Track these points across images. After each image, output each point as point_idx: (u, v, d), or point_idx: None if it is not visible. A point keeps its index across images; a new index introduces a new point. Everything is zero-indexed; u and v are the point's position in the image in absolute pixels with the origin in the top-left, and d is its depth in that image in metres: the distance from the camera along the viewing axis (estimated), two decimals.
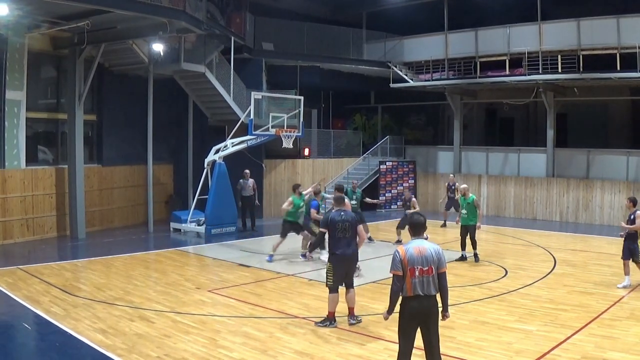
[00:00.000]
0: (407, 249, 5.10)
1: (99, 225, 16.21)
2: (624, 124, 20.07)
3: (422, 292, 5.00)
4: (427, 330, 5.10)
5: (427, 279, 5.02)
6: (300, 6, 21.97)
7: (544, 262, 11.77)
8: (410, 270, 5.00)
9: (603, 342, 6.78)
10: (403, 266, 5.02)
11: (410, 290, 5.01)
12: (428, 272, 5.03)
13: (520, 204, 19.38)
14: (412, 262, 5.01)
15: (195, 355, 6.42)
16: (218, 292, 9.40)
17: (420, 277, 5.00)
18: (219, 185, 15.16)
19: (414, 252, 5.05)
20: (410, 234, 5.29)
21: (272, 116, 14.98)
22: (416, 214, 5.40)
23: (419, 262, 5.01)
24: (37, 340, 7.29)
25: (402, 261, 5.03)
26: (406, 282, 5.01)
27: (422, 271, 5.01)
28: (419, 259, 5.02)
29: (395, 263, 5.07)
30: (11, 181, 13.71)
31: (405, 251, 5.08)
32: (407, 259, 5.03)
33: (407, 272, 5.01)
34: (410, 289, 5.01)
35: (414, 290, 5.00)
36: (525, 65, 17.89)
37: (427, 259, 5.04)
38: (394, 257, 5.10)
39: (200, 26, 13.96)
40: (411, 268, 5.00)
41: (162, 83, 17.20)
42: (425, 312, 5.04)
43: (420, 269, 5.00)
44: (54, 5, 11.34)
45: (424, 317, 5.06)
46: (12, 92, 13.67)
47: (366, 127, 25.65)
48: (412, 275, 5.00)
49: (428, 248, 5.10)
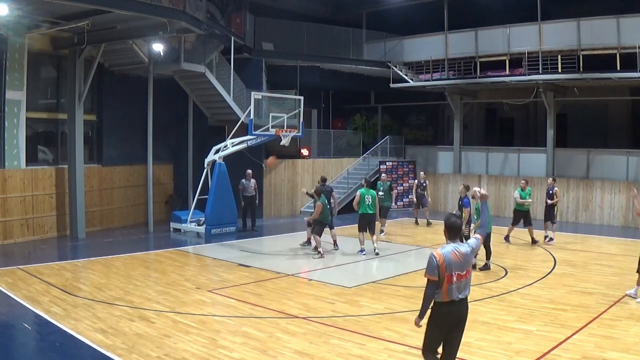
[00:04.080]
0: (444, 254, 4.81)
1: (99, 225, 16.22)
2: (624, 124, 20.06)
3: (457, 296, 4.82)
4: (453, 332, 4.94)
5: (464, 282, 4.87)
6: (300, 6, 21.98)
7: (544, 262, 11.77)
8: (448, 277, 4.76)
9: (603, 342, 6.78)
10: (440, 272, 4.75)
11: (446, 296, 4.79)
12: (465, 276, 4.86)
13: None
14: (450, 268, 4.77)
15: (195, 355, 6.42)
16: (218, 292, 9.39)
17: (457, 282, 4.80)
18: (219, 185, 15.16)
19: (452, 257, 4.80)
20: (446, 237, 5.02)
21: (272, 116, 14.98)
22: (452, 216, 5.06)
23: (457, 268, 4.80)
24: (37, 340, 7.28)
25: (440, 267, 4.76)
26: (442, 288, 4.78)
27: (460, 276, 4.82)
28: (457, 264, 4.81)
29: (431, 268, 4.79)
30: (11, 181, 13.71)
31: (443, 257, 4.79)
32: (445, 265, 4.76)
33: (444, 278, 4.76)
34: (447, 294, 4.79)
35: (450, 295, 4.79)
36: (525, 65, 17.88)
37: (464, 263, 4.86)
38: (430, 261, 4.82)
39: (200, 26, 13.96)
40: (449, 274, 4.76)
41: (162, 83, 17.20)
42: (458, 315, 4.90)
43: (458, 274, 4.80)
44: (54, 5, 11.34)
45: (457, 320, 4.92)
46: (12, 92, 13.67)
47: (366, 127, 25.67)
48: (449, 281, 4.77)
49: (465, 252, 4.89)
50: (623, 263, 11.69)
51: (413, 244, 14.25)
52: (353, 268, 11.59)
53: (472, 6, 19.63)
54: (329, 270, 11.29)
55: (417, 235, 15.88)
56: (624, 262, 11.76)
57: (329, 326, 7.52)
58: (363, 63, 21.63)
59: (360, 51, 21.89)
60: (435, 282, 4.78)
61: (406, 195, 21.67)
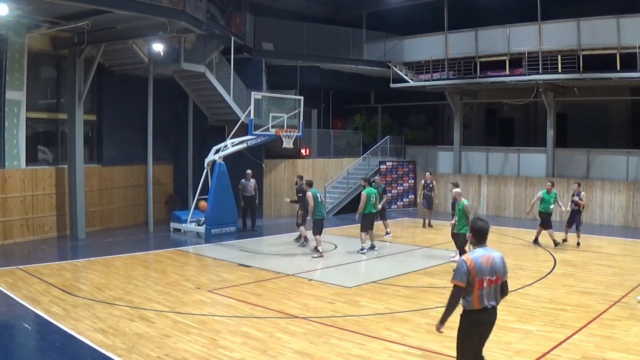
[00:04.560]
0: (474, 259, 4.69)
1: (99, 225, 16.22)
2: (624, 124, 20.06)
3: (488, 303, 4.71)
4: (482, 340, 4.86)
5: (494, 289, 4.74)
6: (300, 6, 21.98)
7: (544, 262, 11.77)
8: (479, 282, 4.65)
9: (603, 342, 6.78)
10: (470, 278, 4.63)
11: (478, 303, 4.67)
12: (495, 282, 4.74)
13: (520, 204, 19.36)
14: (481, 274, 4.65)
15: (195, 355, 6.42)
16: (218, 292, 9.39)
17: (487, 288, 4.69)
18: (219, 185, 15.16)
19: (482, 262, 4.69)
20: (474, 242, 4.87)
21: (272, 116, 14.98)
22: (480, 220, 4.90)
23: (487, 273, 4.68)
24: (37, 340, 7.28)
25: (471, 273, 4.64)
26: (474, 294, 4.66)
27: (490, 282, 4.70)
28: (488, 269, 4.69)
29: (460, 274, 4.66)
30: (11, 181, 13.71)
31: (474, 262, 4.66)
32: (476, 270, 4.65)
33: (474, 284, 4.64)
34: (478, 301, 4.67)
35: (481, 302, 4.68)
36: (525, 65, 17.88)
37: (494, 269, 4.73)
38: (459, 267, 4.69)
39: (200, 26, 13.96)
40: (480, 280, 4.65)
41: (162, 83, 17.20)
42: (489, 323, 4.79)
43: (488, 280, 4.68)
44: (54, 5, 11.34)
45: (487, 328, 4.80)
46: (12, 92, 13.67)
47: (366, 127, 25.67)
48: (480, 287, 4.65)
49: (495, 257, 4.77)
50: (623, 263, 11.70)
51: (413, 244, 14.25)
52: (353, 268, 11.59)
53: (472, 6, 19.63)
54: (329, 270, 11.28)
55: (417, 235, 15.88)
56: (624, 262, 11.78)
57: (329, 326, 7.52)
58: (363, 63, 21.63)
59: (360, 51, 21.89)
60: (462, 289, 4.66)
61: (406, 195, 21.69)
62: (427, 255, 12.61)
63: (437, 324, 4.94)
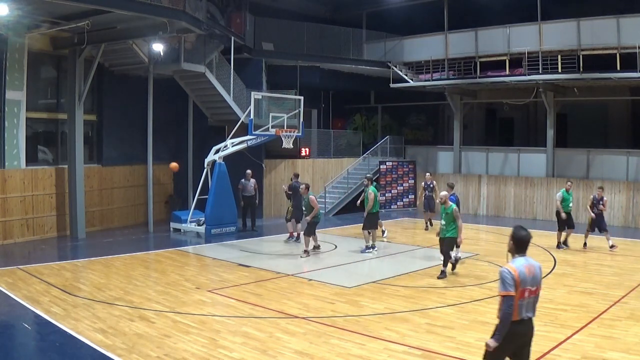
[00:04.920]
0: (517, 267, 4.51)
1: (99, 225, 16.22)
2: (624, 124, 20.05)
3: (525, 315, 4.55)
4: (520, 354, 4.67)
5: (532, 300, 4.59)
6: (300, 6, 21.98)
7: (544, 262, 11.65)
8: (521, 292, 4.48)
9: (603, 342, 6.78)
10: (515, 287, 4.46)
11: (517, 314, 4.49)
12: (534, 292, 4.58)
13: (520, 204, 19.37)
14: (524, 283, 4.49)
15: (195, 355, 6.42)
16: (218, 292, 9.39)
17: (527, 298, 4.54)
18: (219, 185, 15.16)
19: (525, 271, 4.51)
20: (514, 251, 4.66)
21: (272, 116, 14.98)
22: (522, 229, 4.68)
23: (529, 283, 4.53)
24: (37, 340, 7.29)
25: (515, 282, 4.44)
26: (515, 306, 4.47)
27: (530, 292, 4.54)
28: (530, 279, 4.54)
29: (506, 283, 4.45)
30: (11, 181, 13.71)
31: (518, 271, 4.49)
32: (520, 279, 4.47)
33: (517, 295, 4.46)
34: (517, 312, 4.49)
35: (520, 314, 4.51)
36: (525, 65, 17.88)
37: (535, 279, 4.58)
38: (504, 276, 4.48)
39: (200, 26, 13.96)
40: (522, 290, 4.48)
41: (162, 83, 17.19)
42: (525, 335, 4.63)
43: (529, 290, 4.53)
44: (54, 5, 11.34)
45: (522, 342, 4.64)
46: (12, 92, 13.67)
47: (366, 127, 25.67)
48: (521, 297, 4.49)
49: (536, 266, 4.63)
50: (623, 263, 11.70)
51: (413, 244, 14.24)
52: (353, 268, 11.58)
53: (472, 6, 19.63)
54: (329, 270, 11.28)
55: (417, 235, 15.88)
56: (624, 262, 11.78)
57: (329, 326, 7.52)
58: (363, 63, 21.63)
59: (360, 51, 21.89)
60: (513, 297, 4.45)
61: (406, 195, 21.69)
62: (427, 255, 12.60)
63: (489, 340, 4.56)
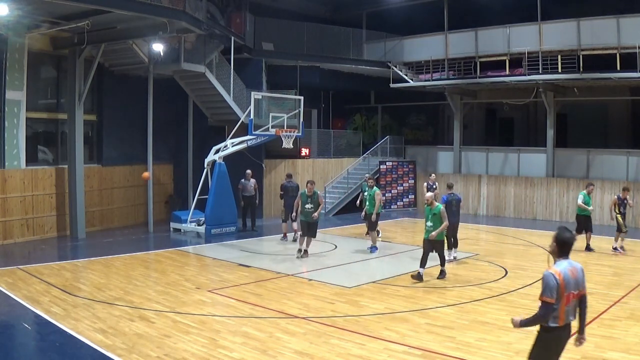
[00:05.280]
0: (562, 271, 4.37)
1: (99, 225, 16.21)
2: (624, 124, 20.06)
3: (569, 319, 4.45)
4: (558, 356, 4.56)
5: (575, 303, 4.49)
6: (300, 6, 21.98)
7: (544, 262, 11.67)
8: (567, 297, 4.36)
9: (603, 342, 6.78)
10: (559, 293, 4.31)
11: (563, 320, 4.38)
12: (577, 296, 4.48)
13: (520, 204, 19.38)
14: (568, 288, 4.37)
15: (195, 355, 6.42)
16: (218, 292, 9.39)
17: (571, 303, 4.43)
18: (219, 185, 15.16)
19: (570, 275, 4.40)
20: (555, 253, 4.53)
21: (272, 116, 14.98)
22: (567, 231, 4.56)
23: (573, 287, 4.42)
24: (37, 340, 7.29)
25: (560, 288, 4.31)
26: (560, 310, 4.34)
27: (574, 296, 4.44)
28: (574, 283, 4.43)
29: (550, 289, 4.31)
30: (11, 181, 13.71)
31: (562, 275, 4.35)
32: (565, 284, 4.33)
33: (562, 299, 4.34)
34: (563, 318, 4.37)
35: (567, 318, 4.41)
36: (525, 65, 17.88)
37: (578, 282, 4.48)
38: (548, 281, 4.33)
39: (200, 26, 13.96)
40: (567, 294, 4.36)
41: (162, 83, 17.19)
42: (567, 340, 4.52)
43: (572, 294, 4.42)
44: (54, 5, 11.34)
45: (564, 345, 4.52)
46: (12, 92, 13.66)
47: (366, 127, 25.67)
48: (567, 302, 4.37)
49: (578, 269, 4.51)
50: (623, 263, 11.70)
51: (413, 244, 14.23)
52: (353, 268, 11.58)
53: (472, 6, 19.63)
54: (329, 270, 11.28)
55: (416, 235, 15.84)
56: (624, 262, 11.78)
57: (329, 326, 7.52)
58: (363, 63, 21.63)
59: (360, 51, 21.89)
60: (552, 305, 4.34)
61: (406, 195, 21.70)
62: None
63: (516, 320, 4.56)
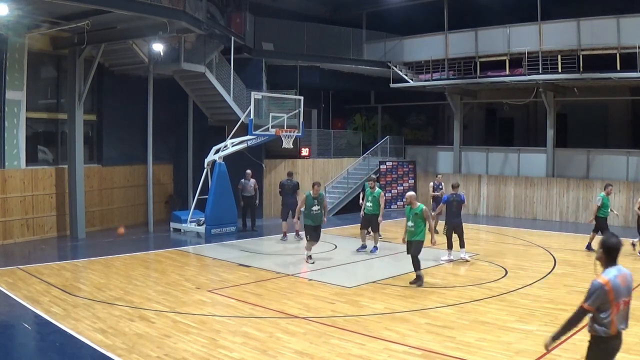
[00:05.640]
0: (611, 280, 4.21)
1: (99, 225, 16.21)
2: (624, 124, 20.06)
3: (621, 328, 4.30)
4: None
5: (626, 310, 4.31)
6: (300, 6, 21.98)
7: (544, 262, 11.77)
8: (617, 305, 4.20)
9: None
10: (608, 302, 4.17)
11: (615, 329, 4.23)
12: (628, 302, 4.32)
13: (520, 204, 19.38)
14: (618, 296, 4.21)
15: (195, 355, 6.42)
16: (218, 292, 9.39)
17: (622, 310, 4.28)
18: (218, 185, 15.15)
19: (620, 283, 4.24)
20: (605, 260, 4.40)
21: (272, 116, 14.98)
22: (614, 237, 4.41)
23: (624, 294, 4.26)
24: (37, 340, 7.29)
25: (608, 296, 4.17)
26: (611, 319, 4.20)
27: (625, 303, 4.28)
28: (624, 290, 4.27)
29: (594, 297, 4.19)
30: (11, 181, 13.70)
31: (611, 283, 4.19)
32: (614, 292, 4.19)
33: (612, 308, 4.18)
34: (615, 326, 4.22)
35: (617, 327, 4.26)
36: (525, 65, 17.88)
37: (629, 288, 4.32)
38: (595, 289, 4.21)
39: (200, 26, 13.95)
40: (617, 302, 4.21)
41: (162, 83, 17.20)
42: (620, 347, 4.39)
43: (623, 302, 4.26)
44: (54, 5, 11.33)
45: (616, 354, 4.39)
46: (12, 92, 13.66)
47: (366, 127, 25.67)
48: (617, 310, 4.22)
49: (628, 275, 4.36)
50: (623, 263, 11.59)
51: None
52: (353, 268, 11.59)
53: (472, 6, 19.63)
54: (329, 270, 11.27)
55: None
56: (624, 262, 11.62)
57: (329, 326, 7.52)
58: (363, 63, 21.63)
59: (360, 51, 21.89)
60: (587, 312, 4.25)
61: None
62: (427, 255, 12.59)
63: (548, 340, 4.49)
